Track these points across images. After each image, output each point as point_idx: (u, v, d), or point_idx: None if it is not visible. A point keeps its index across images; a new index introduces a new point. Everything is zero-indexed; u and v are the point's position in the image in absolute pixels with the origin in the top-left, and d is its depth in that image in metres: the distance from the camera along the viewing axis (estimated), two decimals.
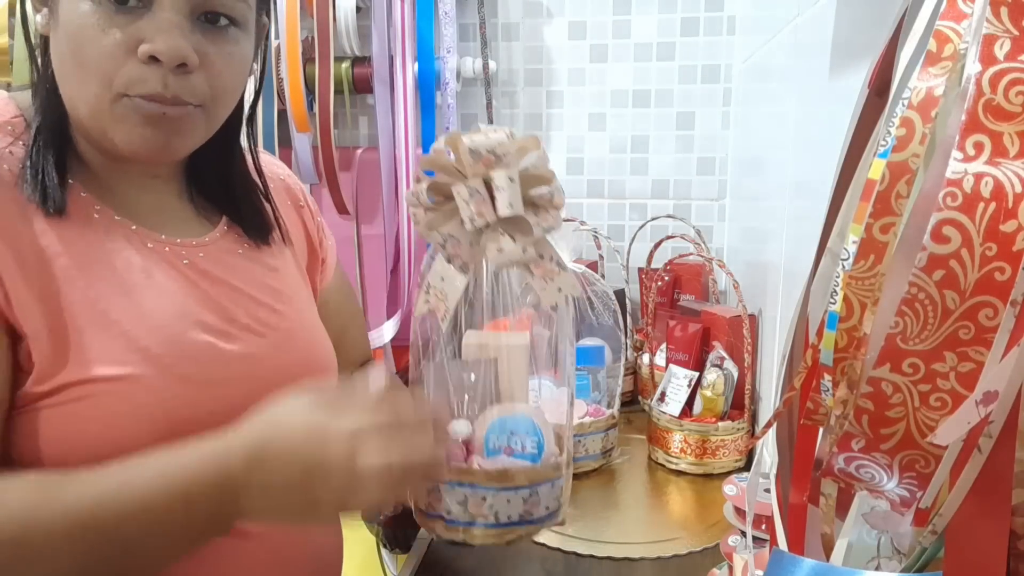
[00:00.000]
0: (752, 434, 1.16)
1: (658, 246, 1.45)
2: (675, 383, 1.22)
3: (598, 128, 1.63)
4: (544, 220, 0.61)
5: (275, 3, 1.44)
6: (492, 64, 1.56)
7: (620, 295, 1.37)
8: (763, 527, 0.71)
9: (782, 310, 1.01)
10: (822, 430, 0.40)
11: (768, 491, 0.70)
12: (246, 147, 0.75)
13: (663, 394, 1.22)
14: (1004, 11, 0.29)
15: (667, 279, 1.50)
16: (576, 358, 1.21)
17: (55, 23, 0.59)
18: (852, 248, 0.35)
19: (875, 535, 0.41)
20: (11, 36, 1.28)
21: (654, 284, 1.35)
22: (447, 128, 1.54)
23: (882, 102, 0.39)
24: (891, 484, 0.33)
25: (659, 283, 1.42)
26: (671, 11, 1.55)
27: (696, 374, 1.20)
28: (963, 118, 0.29)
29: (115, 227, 0.62)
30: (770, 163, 1.17)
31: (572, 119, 1.64)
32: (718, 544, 0.91)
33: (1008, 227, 0.28)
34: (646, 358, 1.31)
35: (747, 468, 1.16)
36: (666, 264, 1.32)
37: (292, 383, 0.67)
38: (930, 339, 0.29)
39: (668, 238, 1.44)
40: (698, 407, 1.19)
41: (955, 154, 0.29)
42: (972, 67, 0.30)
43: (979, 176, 0.28)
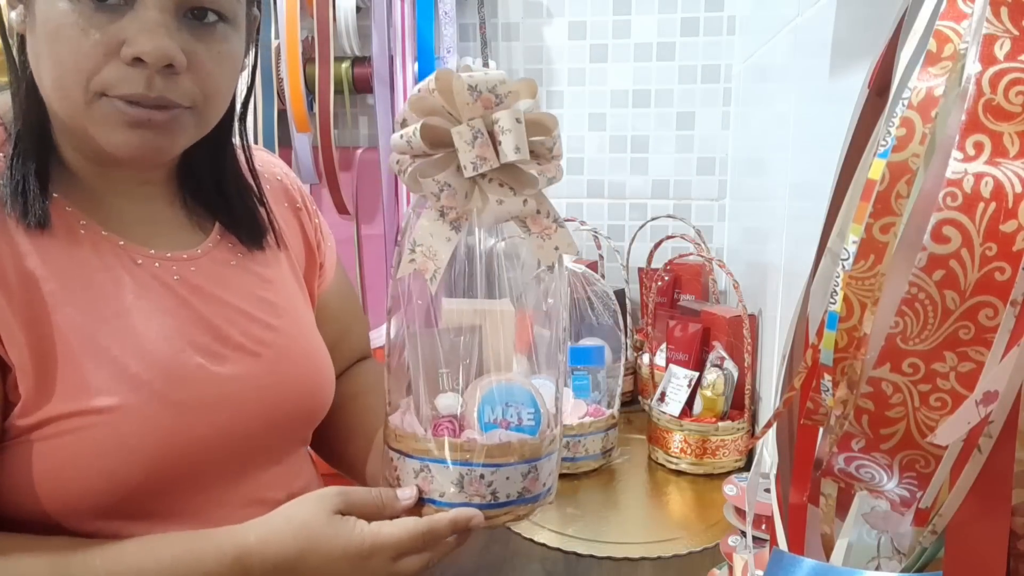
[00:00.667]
0: (752, 434, 1.16)
1: (658, 246, 1.45)
2: (675, 383, 1.22)
3: (598, 128, 1.63)
4: (548, 170, 0.56)
5: (275, 3, 1.45)
6: (492, 64, 1.56)
7: (620, 295, 1.37)
8: (763, 527, 0.71)
9: (782, 310, 1.01)
10: (822, 430, 0.40)
11: (768, 491, 0.70)
12: (239, 145, 0.72)
13: (663, 394, 1.22)
14: (1004, 11, 0.29)
15: (667, 279, 1.50)
16: (575, 356, 1.22)
17: (31, 22, 0.55)
18: (852, 248, 0.35)
19: (875, 535, 0.41)
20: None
21: (654, 284, 1.35)
22: None
23: (882, 102, 0.39)
24: (891, 484, 0.33)
25: (659, 283, 1.42)
26: (671, 11, 1.55)
27: (696, 374, 1.20)
28: (963, 118, 0.29)
29: (102, 244, 0.60)
30: (770, 163, 1.17)
31: (572, 119, 1.64)
32: (718, 544, 0.91)
33: (1008, 227, 0.28)
34: (646, 358, 1.31)
35: (747, 468, 1.16)
36: (666, 264, 1.32)
37: (287, 404, 0.67)
38: (930, 339, 0.29)
39: (668, 238, 1.44)
40: (698, 407, 1.19)
41: (955, 154, 0.29)
42: (972, 67, 0.30)
43: (979, 176, 0.28)
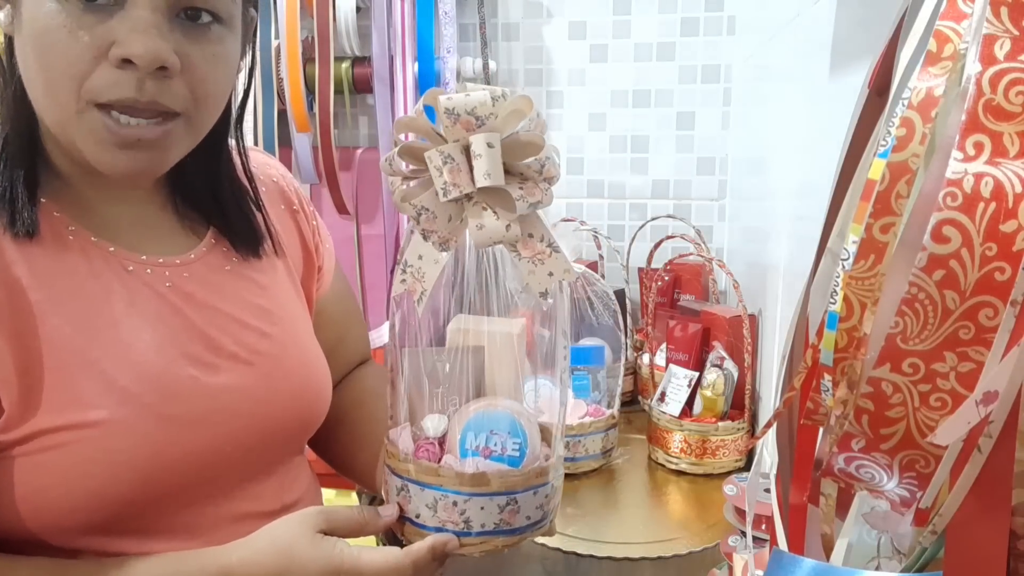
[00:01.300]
0: (752, 434, 1.16)
1: (658, 246, 1.45)
2: (675, 383, 1.22)
3: (598, 128, 1.63)
4: (531, 194, 0.53)
5: (275, 3, 1.45)
6: (492, 64, 1.56)
7: (620, 295, 1.37)
8: (763, 527, 0.71)
9: (782, 310, 1.01)
10: (822, 430, 0.40)
11: (768, 491, 0.70)
12: (235, 148, 0.69)
13: (663, 394, 1.22)
14: (1004, 11, 0.29)
15: (667, 279, 1.50)
16: (575, 356, 1.21)
17: (19, 23, 0.53)
18: (852, 248, 0.35)
19: (875, 535, 0.41)
20: None
21: (654, 284, 1.35)
22: None
23: (882, 102, 0.39)
24: (891, 484, 0.33)
25: (659, 283, 1.42)
26: (671, 11, 1.55)
27: (696, 374, 1.20)
28: (963, 118, 0.29)
29: (92, 250, 0.58)
30: (770, 163, 1.17)
31: (572, 119, 1.64)
32: (718, 544, 0.91)
33: (1008, 227, 0.28)
34: (646, 358, 1.31)
35: (747, 468, 1.16)
36: (666, 264, 1.32)
37: (282, 414, 0.66)
38: (930, 339, 0.29)
39: (668, 238, 1.44)
40: (698, 407, 1.19)
41: (955, 154, 0.29)
42: (972, 67, 0.30)
43: (979, 176, 0.28)
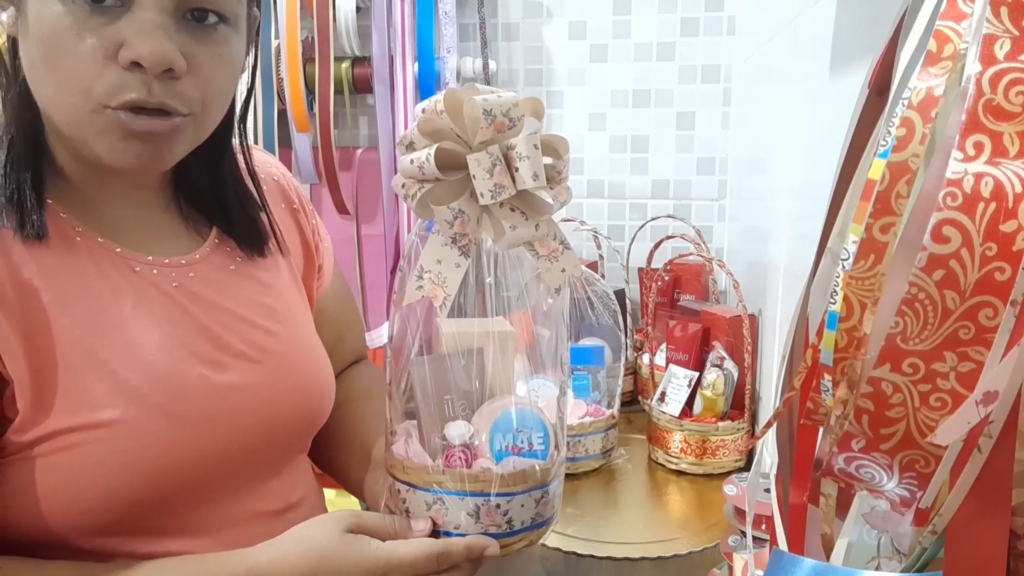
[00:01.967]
0: (752, 434, 1.16)
1: (658, 246, 1.45)
2: (675, 383, 1.22)
3: (598, 128, 1.63)
4: (560, 194, 0.55)
5: (275, 3, 1.45)
6: (492, 64, 1.56)
7: (620, 295, 1.37)
8: (763, 527, 0.71)
9: (782, 310, 1.01)
10: (822, 430, 0.40)
11: (768, 491, 0.70)
12: (238, 147, 0.70)
13: (663, 394, 1.22)
14: (1004, 11, 0.29)
15: (667, 279, 1.50)
16: (575, 356, 1.21)
17: (24, 24, 0.53)
18: (852, 248, 0.35)
19: (875, 535, 0.41)
20: None
21: (654, 284, 1.35)
22: None
23: (882, 102, 0.39)
24: (891, 484, 0.33)
25: (659, 283, 1.42)
26: (671, 11, 1.55)
27: (696, 374, 1.20)
28: (963, 118, 0.29)
29: (99, 251, 0.59)
30: (770, 163, 1.17)
31: (572, 119, 1.64)
32: (718, 544, 0.91)
33: (1008, 227, 0.28)
34: (646, 358, 1.31)
35: (747, 468, 1.16)
36: (666, 264, 1.32)
37: (288, 412, 0.66)
38: (930, 339, 0.29)
39: (668, 238, 1.44)
40: (698, 407, 1.19)
41: (955, 154, 0.29)
42: (972, 67, 0.30)
43: (979, 176, 0.28)
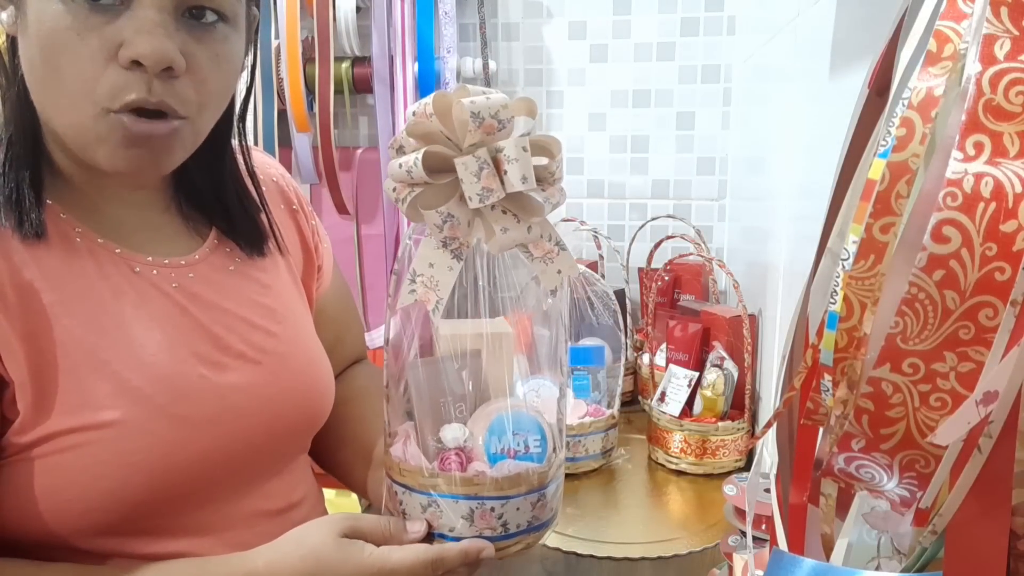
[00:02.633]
0: (752, 434, 1.16)
1: (658, 246, 1.45)
2: (675, 383, 1.22)
3: (598, 128, 1.63)
4: (552, 196, 0.54)
5: (275, 3, 1.45)
6: (492, 64, 1.56)
7: (620, 295, 1.37)
8: (763, 527, 0.71)
9: (782, 310, 1.01)
10: (822, 430, 0.40)
11: (768, 491, 0.70)
12: (237, 147, 0.69)
13: (663, 394, 1.22)
14: (1004, 11, 0.29)
15: (667, 279, 1.50)
16: (575, 356, 1.21)
17: (23, 23, 0.52)
18: (852, 248, 0.35)
19: (875, 535, 0.41)
20: None
21: (654, 284, 1.35)
22: None
23: (882, 102, 0.39)
24: (891, 484, 0.33)
25: (659, 283, 1.42)
26: (671, 11, 1.55)
27: (696, 374, 1.20)
28: (963, 118, 0.29)
29: (99, 252, 0.59)
30: (770, 163, 1.17)
31: (572, 119, 1.64)
32: (718, 544, 0.91)
33: (1008, 227, 0.28)
34: (646, 358, 1.31)
35: (747, 468, 1.16)
36: (666, 264, 1.32)
37: (289, 412, 0.66)
38: (930, 339, 0.29)
39: (668, 238, 1.44)
40: (698, 407, 1.19)
41: (955, 154, 0.29)
42: (972, 67, 0.30)
43: (979, 176, 0.28)
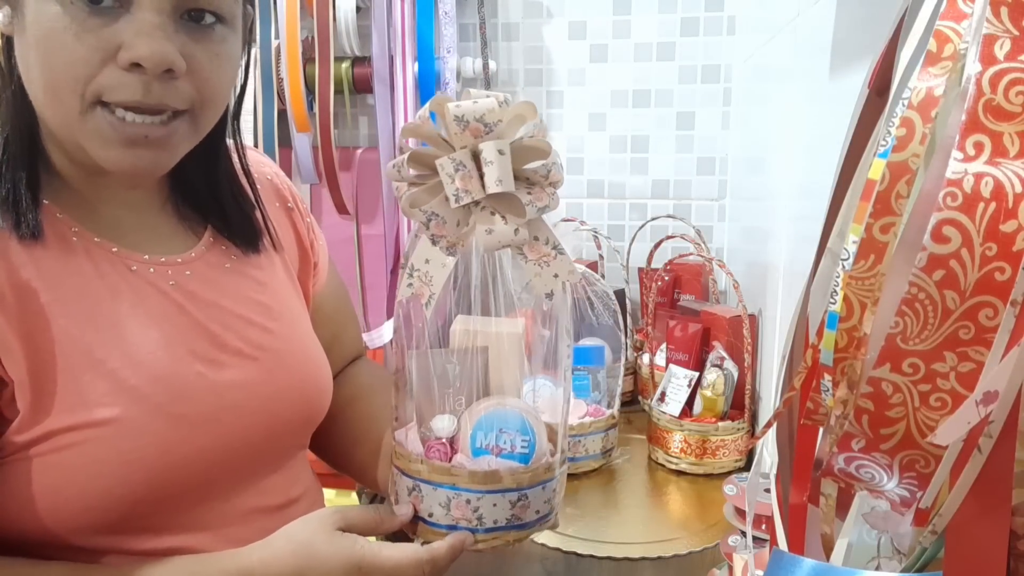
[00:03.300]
0: (752, 434, 1.16)
1: (658, 246, 1.45)
2: (675, 383, 1.22)
3: (598, 128, 1.63)
4: (539, 199, 0.55)
5: (275, 3, 1.45)
6: (492, 64, 1.56)
7: (620, 295, 1.37)
8: (763, 527, 0.71)
9: (782, 310, 1.01)
10: (822, 430, 0.40)
11: (768, 491, 0.70)
12: (232, 146, 0.70)
13: (663, 394, 1.22)
14: (1004, 11, 0.29)
15: (667, 279, 1.50)
16: (575, 356, 1.21)
17: (20, 23, 0.53)
18: (852, 248, 0.35)
19: (875, 535, 0.41)
20: None
21: (654, 284, 1.35)
22: None
23: (882, 102, 0.39)
24: (891, 484, 0.33)
25: (659, 283, 1.42)
26: (671, 11, 1.55)
27: (696, 374, 1.20)
28: (963, 118, 0.29)
29: (95, 251, 0.59)
30: (770, 163, 1.17)
31: (572, 119, 1.64)
32: (718, 544, 0.91)
33: (1008, 227, 0.28)
34: (646, 358, 1.31)
35: (747, 468, 1.16)
36: (666, 264, 1.32)
37: (287, 408, 0.67)
38: (930, 339, 0.29)
39: (668, 238, 1.44)
40: (698, 407, 1.19)
41: (955, 154, 0.29)
42: (972, 67, 0.30)
43: (979, 176, 0.28)
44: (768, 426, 0.44)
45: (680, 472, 1.16)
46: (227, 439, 0.61)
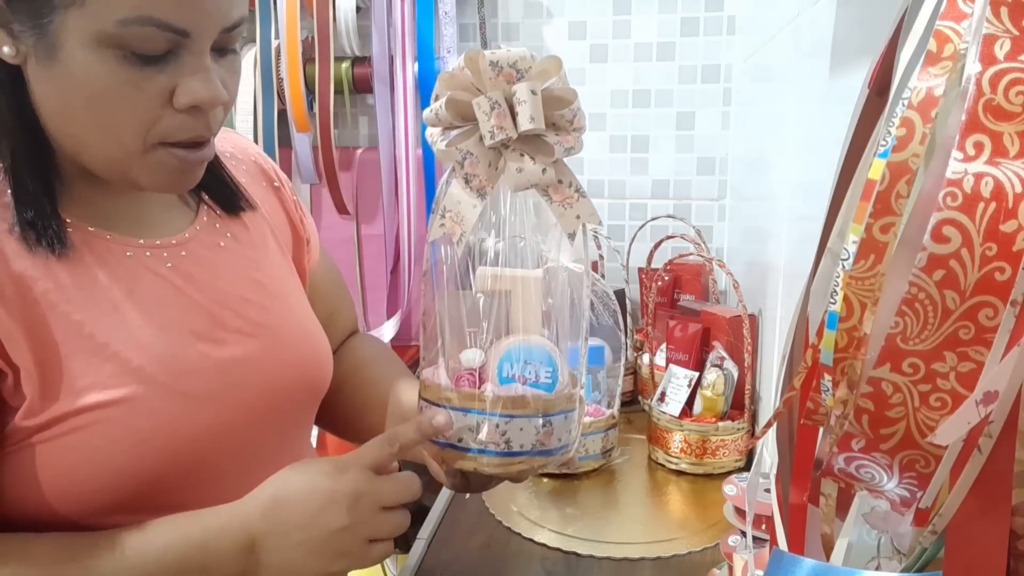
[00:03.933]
0: (752, 434, 1.16)
1: (658, 246, 1.45)
2: (675, 383, 1.22)
3: (598, 128, 1.63)
4: (565, 140, 0.60)
5: (275, 3, 1.45)
6: None
7: (620, 295, 1.37)
8: (763, 527, 0.71)
9: (782, 310, 1.01)
10: (822, 430, 0.40)
11: (768, 491, 0.70)
12: None
13: (663, 394, 1.22)
14: (1004, 11, 0.29)
15: (667, 279, 1.50)
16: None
17: (48, 63, 0.53)
18: (852, 248, 0.35)
19: (875, 535, 0.41)
20: None
21: (654, 284, 1.35)
22: None
23: (882, 102, 0.39)
24: (891, 484, 0.33)
25: (659, 283, 1.42)
26: (671, 11, 1.55)
27: (696, 374, 1.20)
28: (963, 118, 0.29)
29: (91, 239, 0.60)
30: (770, 163, 1.17)
31: None
32: (718, 544, 0.91)
33: (1008, 227, 0.28)
34: (646, 358, 1.31)
35: (747, 468, 1.16)
36: (666, 264, 1.32)
37: (290, 384, 0.69)
38: (930, 339, 0.29)
39: (668, 238, 1.44)
40: (698, 407, 1.19)
41: (955, 154, 0.29)
42: (972, 67, 0.30)
43: (979, 176, 0.28)
44: (768, 426, 0.44)
45: (680, 472, 1.16)
46: (232, 416, 0.63)
